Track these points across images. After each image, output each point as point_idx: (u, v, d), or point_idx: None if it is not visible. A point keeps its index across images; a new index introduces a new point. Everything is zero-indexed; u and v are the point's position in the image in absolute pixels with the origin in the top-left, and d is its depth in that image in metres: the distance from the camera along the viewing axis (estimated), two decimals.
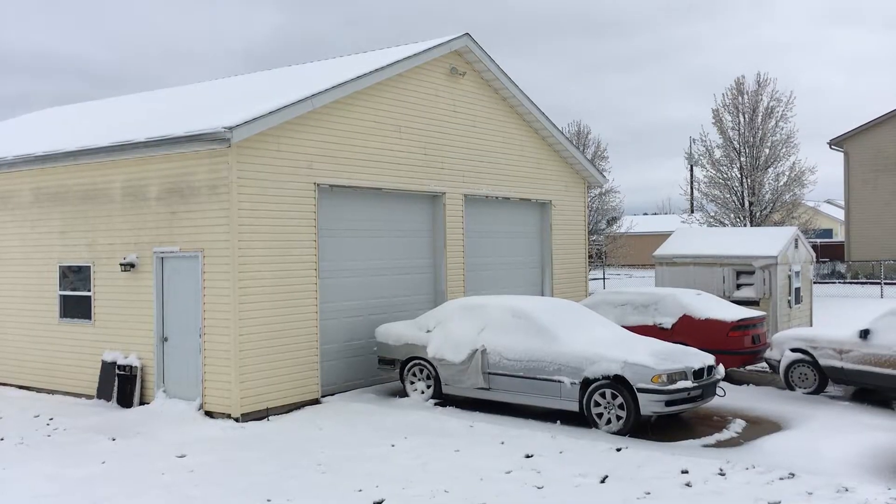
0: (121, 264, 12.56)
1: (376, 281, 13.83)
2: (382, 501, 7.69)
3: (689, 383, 10.32)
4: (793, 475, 8.32)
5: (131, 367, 12.36)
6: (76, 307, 13.51)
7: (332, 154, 12.76)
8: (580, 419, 10.79)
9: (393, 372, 12.76)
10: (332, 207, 13.00)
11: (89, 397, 13.08)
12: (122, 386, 12.41)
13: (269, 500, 7.77)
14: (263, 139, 11.63)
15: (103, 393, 12.73)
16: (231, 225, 11.26)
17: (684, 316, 14.01)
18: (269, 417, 11.47)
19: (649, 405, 10.18)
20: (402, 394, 12.54)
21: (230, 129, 10.85)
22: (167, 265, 12.22)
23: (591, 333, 11.44)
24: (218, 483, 8.35)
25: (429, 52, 14.40)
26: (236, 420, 11.20)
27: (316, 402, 12.28)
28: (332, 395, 12.69)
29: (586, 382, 10.64)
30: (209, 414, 11.51)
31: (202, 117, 12.47)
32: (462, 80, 15.38)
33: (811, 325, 18.08)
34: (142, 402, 12.35)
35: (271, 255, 11.75)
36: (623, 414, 10.32)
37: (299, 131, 12.21)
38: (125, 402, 12.35)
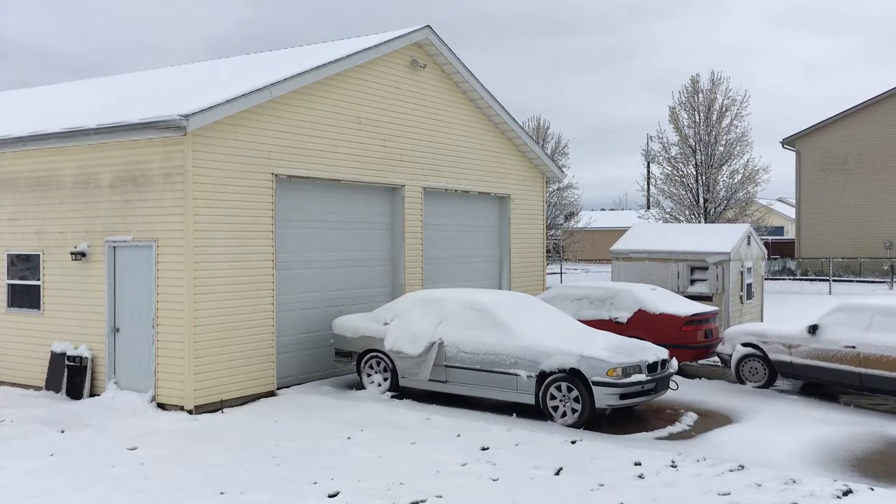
0: (71, 253, 12.29)
1: (334, 273, 13.75)
2: (338, 494, 7.66)
3: (643, 377, 10.46)
4: (742, 467, 8.49)
5: (81, 358, 12.12)
6: (24, 296, 13.19)
7: (291, 144, 12.63)
8: (536, 412, 10.86)
9: (350, 364, 12.71)
10: (291, 198, 12.87)
11: (37, 389, 12.79)
12: (71, 377, 12.16)
13: (222, 493, 7.69)
14: (221, 128, 11.47)
15: (52, 384, 12.46)
16: (186, 214, 11.09)
17: (639, 310, 14.19)
18: (224, 410, 11.34)
19: (604, 398, 10.29)
20: (359, 386, 12.50)
21: (186, 117, 10.67)
22: (120, 255, 11.99)
23: (547, 327, 11.52)
24: (169, 476, 8.23)
25: (389, 44, 14.33)
26: (189, 412, 11.05)
27: (272, 394, 12.18)
28: (289, 387, 12.59)
29: (542, 376, 10.71)
30: (162, 406, 11.34)
31: (158, 104, 12.25)
32: (423, 72, 15.34)
33: (762, 321, 18.45)
34: (92, 394, 12.12)
35: (227, 246, 11.60)
36: (578, 407, 10.42)
37: (258, 121, 12.06)
38: (75, 393, 12.10)
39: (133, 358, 11.82)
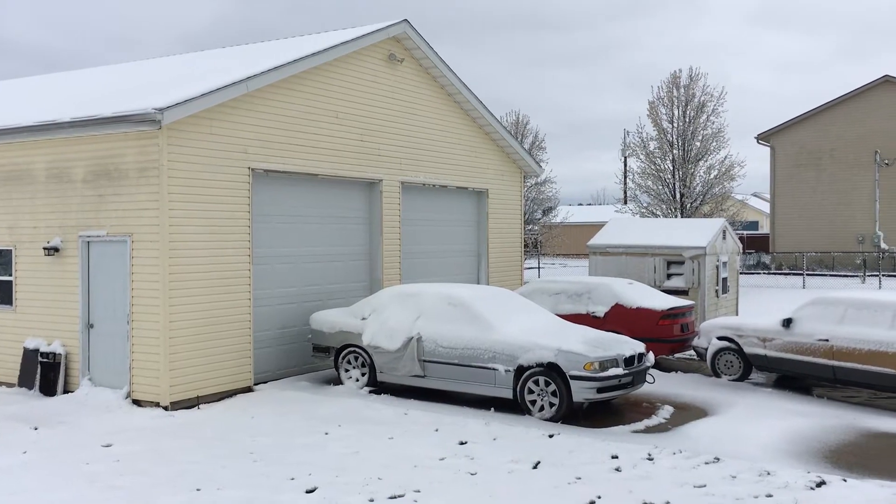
0: (44, 248, 12.13)
1: (311, 268, 13.69)
2: (315, 490, 7.63)
3: (619, 370, 10.52)
4: (718, 460, 8.57)
5: (55, 354, 11.97)
6: None
7: (268, 138, 12.54)
8: (514, 406, 10.89)
9: (327, 360, 12.66)
10: (268, 193, 12.79)
11: (10, 385, 12.62)
12: (45, 374, 12.01)
13: (198, 490, 7.63)
14: (196, 122, 11.36)
15: (25, 381, 12.30)
16: (161, 209, 10.98)
17: (616, 305, 14.27)
18: (200, 406, 11.26)
19: (581, 392, 10.34)
20: (337, 381, 12.46)
21: (161, 110, 10.56)
22: (94, 250, 11.85)
23: (525, 322, 11.55)
24: (145, 472, 8.16)
25: (367, 38, 14.27)
26: (165, 409, 10.96)
27: (249, 389, 12.11)
28: (266, 382, 12.53)
29: (520, 370, 10.74)
30: (137, 402, 11.24)
31: (133, 98, 12.12)
32: (400, 66, 15.29)
33: (737, 315, 18.62)
34: (66, 391, 11.97)
35: (203, 241, 11.51)
36: (556, 401, 10.46)
37: (234, 115, 11.97)
38: (48, 390, 11.96)
39: (107, 354, 11.70)
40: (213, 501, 7.33)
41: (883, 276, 31.24)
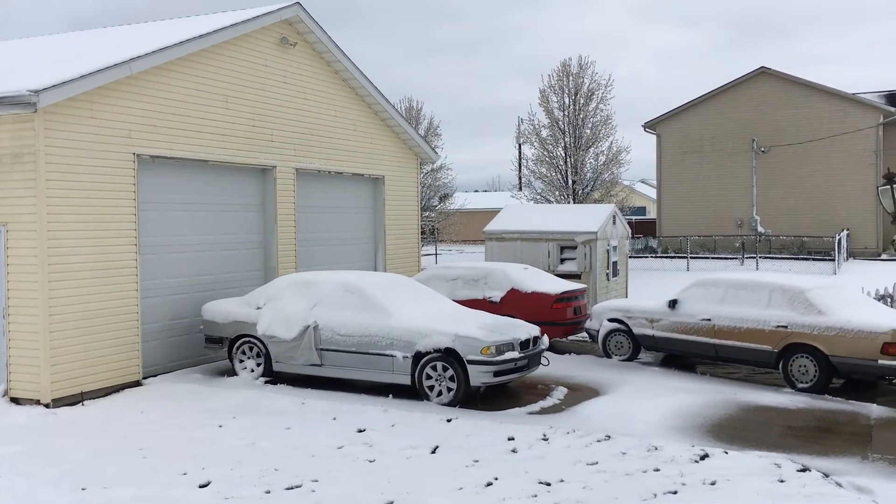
0: None
1: (203, 257, 13.29)
2: (209, 484, 7.44)
3: (516, 354, 10.71)
4: (609, 437, 8.86)
5: None
6: None
7: (154, 123, 12.06)
8: (412, 392, 10.93)
9: (221, 351, 12.35)
10: (155, 180, 12.32)
11: None
12: None
13: (83, 489, 7.31)
14: (76, 105, 10.81)
15: None
16: (38, 197, 10.40)
17: (512, 289, 14.51)
18: (84, 402, 10.78)
19: (479, 376, 10.47)
20: (231, 373, 12.18)
21: (36, 92, 9.99)
22: None
23: (423, 308, 11.59)
24: (25, 473, 7.74)
25: (257, 20, 13.90)
26: (46, 406, 10.44)
27: (137, 384, 11.67)
28: (156, 376, 12.11)
29: (418, 356, 10.78)
30: (15, 401, 10.65)
31: (6, 79, 11.40)
32: (293, 50, 14.98)
33: (627, 297, 19.27)
34: None
35: (86, 230, 10.98)
36: (454, 386, 10.56)
37: (117, 98, 11.44)
38: None
39: None
40: (100, 501, 7.04)
41: (760, 258, 32.95)
